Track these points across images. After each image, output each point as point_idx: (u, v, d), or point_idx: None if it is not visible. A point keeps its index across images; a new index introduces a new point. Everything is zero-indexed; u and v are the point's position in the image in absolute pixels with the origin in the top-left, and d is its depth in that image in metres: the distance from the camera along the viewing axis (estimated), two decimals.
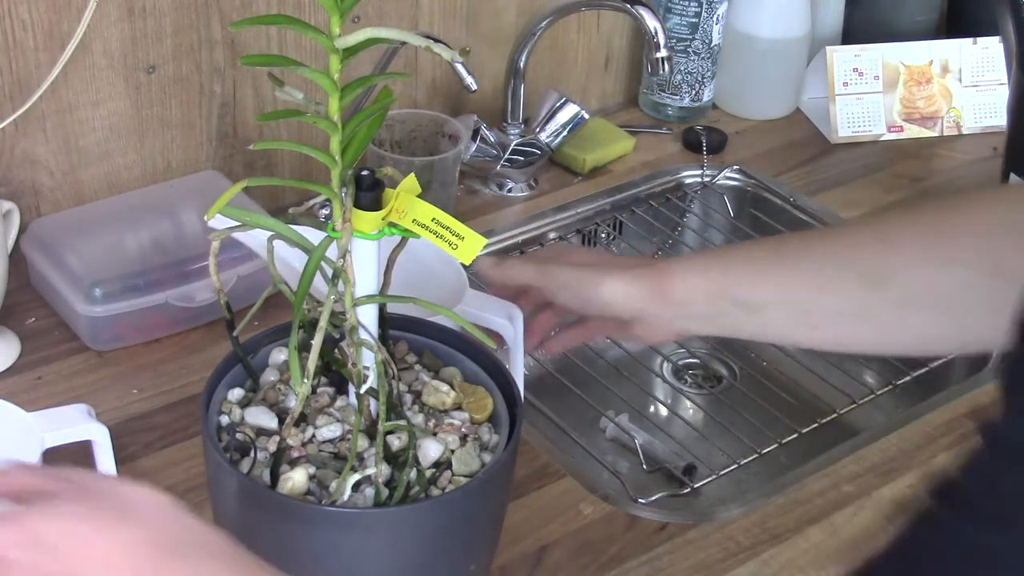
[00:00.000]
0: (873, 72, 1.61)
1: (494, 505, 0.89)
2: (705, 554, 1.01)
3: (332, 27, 0.77)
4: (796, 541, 1.03)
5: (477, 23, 1.46)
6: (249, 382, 0.90)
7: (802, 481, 1.09)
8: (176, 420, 1.09)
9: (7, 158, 1.19)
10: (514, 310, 1.05)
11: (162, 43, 1.24)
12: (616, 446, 1.29)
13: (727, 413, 1.28)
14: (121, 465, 0.96)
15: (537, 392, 1.23)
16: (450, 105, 1.48)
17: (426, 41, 0.79)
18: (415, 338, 0.94)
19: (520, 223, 1.41)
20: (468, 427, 0.88)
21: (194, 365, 1.15)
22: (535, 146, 1.44)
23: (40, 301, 1.20)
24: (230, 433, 0.85)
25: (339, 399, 0.89)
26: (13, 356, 1.14)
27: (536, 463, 1.08)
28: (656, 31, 1.30)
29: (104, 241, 1.19)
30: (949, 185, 1.53)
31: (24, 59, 1.16)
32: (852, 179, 1.54)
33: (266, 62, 0.82)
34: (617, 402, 1.26)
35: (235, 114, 1.31)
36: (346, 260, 0.81)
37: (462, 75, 1.32)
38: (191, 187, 1.27)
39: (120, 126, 1.25)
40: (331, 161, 0.80)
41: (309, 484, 0.83)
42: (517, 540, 1.00)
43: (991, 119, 1.63)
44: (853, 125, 1.61)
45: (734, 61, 1.61)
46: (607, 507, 1.05)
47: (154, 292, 1.15)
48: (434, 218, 0.80)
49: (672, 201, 1.50)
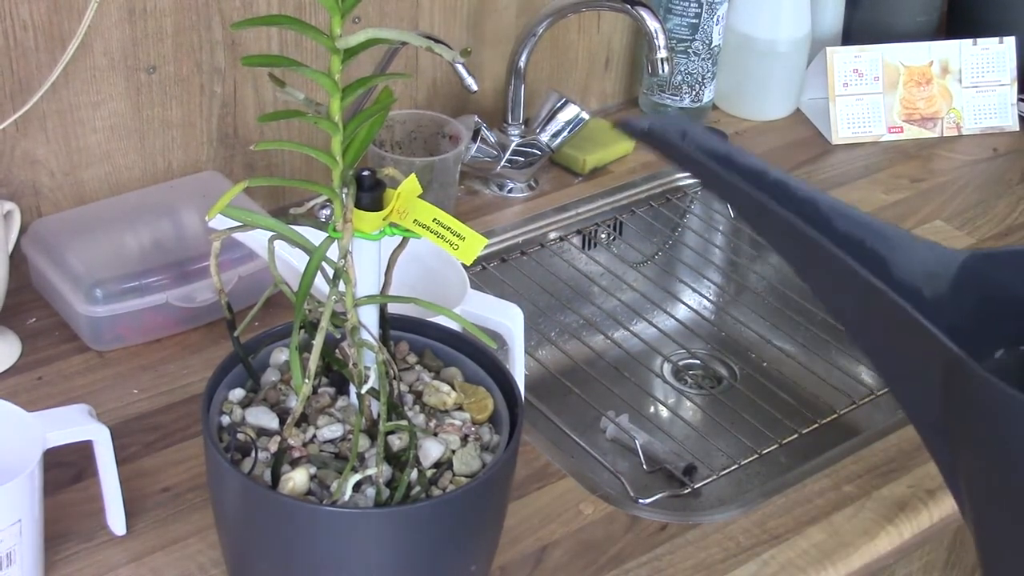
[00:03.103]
0: (873, 73, 1.61)
1: (495, 505, 0.89)
2: (705, 554, 1.01)
3: (333, 28, 0.77)
4: (796, 541, 1.03)
5: (477, 23, 1.46)
6: (250, 382, 0.90)
7: (802, 481, 1.09)
8: (177, 420, 1.09)
9: (8, 158, 1.19)
10: (514, 310, 1.05)
11: (163, 43, 1.24)
12: (616, 446, 1.29)
13: (727, 413, 1.28)
14: (121, 465, 0.96)
15: (537, 392, 1.23)
16: (451, 106, 1.48)
17: (427, 42, 0.79)
18: (416, 338, 0.94)
19: (520, 224, 1.41)
20: (469, 427, 0.88)
21: (195, 365, 1.15)
22: (535, 147, 1.44)
23: (41, 301, 1.20)
24: (231, 433, 0.85)
25: (340, 399, 0.89)
26: (14, 356, 1.14)
27: (536, 463, 1.08)
28: (656, 32, 1.31)
29: (105, 241, 1.19)
30: (949, 186, 1.53)
31: (25, 60, 1.16)
32: (852, 180, 1.54)
33: (267, 63, 0.82)
34: (617, 402, 1.26)
35: (236, 114, 1.31)
36: (347, 260, 0.81)
37: (463, 76, 1.32)
38: (192, 187, 1.27)
39: (121, 126, 1.25)
40: (332, 161, 0.80)
41: (310, 484, 0.83)
42: (517, 540, 1.00)
43: (991, 120, 1.64)
44: (853, 126, 1.61)
45: (734, 62, 1.61)
46: (607, 507, 1.05)
47: (155, 292, 1.15)
48: (435, 218, 0.81)
49: (672, 202, 1.50)
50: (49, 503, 0.94)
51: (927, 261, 0.85)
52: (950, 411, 0.79)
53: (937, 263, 0.84)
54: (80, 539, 0.97)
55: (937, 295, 0.84)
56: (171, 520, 0.99)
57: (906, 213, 1.48)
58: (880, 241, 0.83)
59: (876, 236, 0.83)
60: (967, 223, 1.46)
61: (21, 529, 0.87)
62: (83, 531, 0.98)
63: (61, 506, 0.99)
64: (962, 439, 0.79)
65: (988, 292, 0.85)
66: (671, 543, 1.02)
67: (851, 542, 1.03)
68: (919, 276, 0.84)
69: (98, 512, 0.97)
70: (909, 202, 1.50)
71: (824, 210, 0.82)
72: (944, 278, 0.84)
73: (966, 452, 0.80)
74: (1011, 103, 1.64)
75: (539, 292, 1.37)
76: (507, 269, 1.36)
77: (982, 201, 1.51)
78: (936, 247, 0.85)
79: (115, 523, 0.97)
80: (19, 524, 0.86)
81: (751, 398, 1.26)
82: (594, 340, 1.36)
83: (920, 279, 0.84)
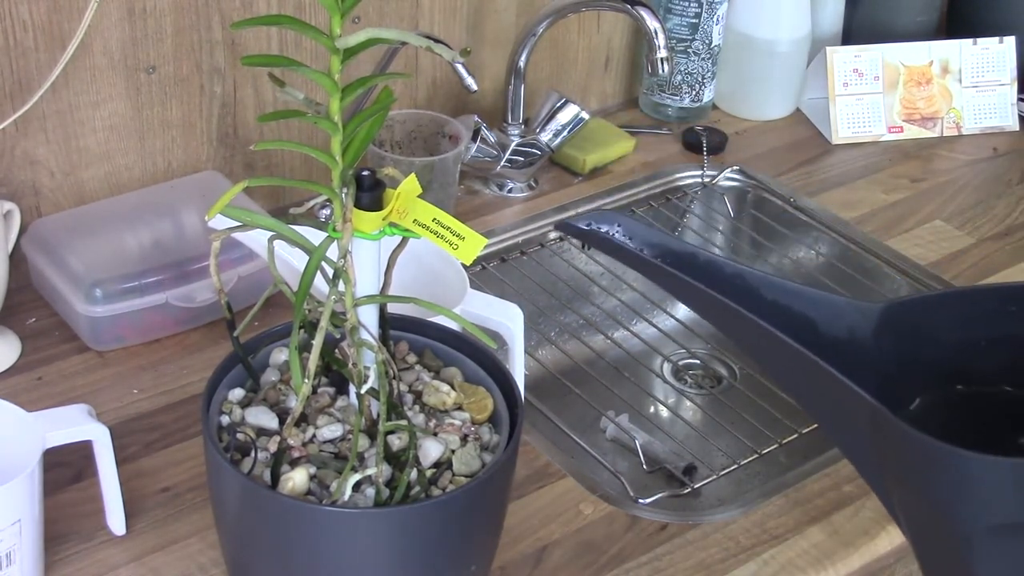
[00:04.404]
0: (873, 73, 1.61)
1: (495, 505, 0.89)
2: (705, 554, 1.01)
3: (333, 27, 0.77)
4: (796, 541, 1.03)
5: (477, 23, 1.46)
6: (250, 382, 0.90)
7: (802, 481, 1.09)
8: (176, 420, 1.09)
9: (8, 158, 1.19)
10: (514, 310, 1.05)
11: (163, 43, 1.24)
12: (616, 446, 1.29)
13: (727, 413, 1.28)
14: (121, 465, 0.96)
15: (537, 392, 1.23)
16: (450, 105, 1.48)
17: (427, 41, 0.79)
18: (416, 338, 0.94)
19: (520, 223, 1.41)
20: (468, 427, 0.88)
21: (194, 365, 1.15)
22: (535, 146, 1.44)
23: (40, 301, 1.20)
24: (231, 433, 0.85)
25: (340, 399, 0.89)
26: (14, 356, 1.14)
27: (536, 463, 1.08)
28: (656, 31, 1.31)
29: (104, 241, 1.19)
30: (949, 186, 1.53)
31: (25, 60, 1.16)
32: (852, 180, 1.54)
33: (267, 62, 0.82)
34: (617, 402, 1.26)
35: (235, 114, 1.31)
36: (347, 260, 0.81)
37: (462, 75, 1.32)
38: (191, 187, 1.27)
39: (120, 126, 1.25)
40: (332, 161, 0.80)
41: (310, 484, 0.83)
42: (517, 540, 1.00)
43: (991, 120, 1.64)
44: (853, 126, 1.61)
45: (734, 62, 1.61)
46: (607, 507, 1.05)
47: (154, 292, 1.15)
48: (435, 218, 0.81)
49: (672, 202, 1.50)
50: (49, 503, 0.94)
51: (849, 316, 0.90)
52: (880, 454, 0.83)
53: (859, 316, 0.90)
54: (80, 539, 0.97)
55: (862, 346, 0.90)
56: (171, 520, 0.99)
57: (906, 213, 1.48)
58: (805, 304, 0.90)
59: (801, 300, 0.89)
60: (967, 223, 1.46)
61: (21, 529, 0.87)
62: (83, 531, 0.98)
63: (61, 506, 0.99)
64: (894, 479, 0.83)
65: (909, 337, 0.90)
66: (671, 543, 1.02)
67: (851, 542, 1.03)
68: (843, 330, 0.90)
69: (98, 512, 0.97)
70: (909, 202, 1.50)
71: (752, 283, 0.89)
72: (866, 329, 0.91)
73: (899, 489, 0.84)
74: (1011, 103, 1.64)
75: (539, 292, 1.37)
76: (507, 269, 1.36)
77: (982, 201, 1.51)
78: (855, 302, 0.91)
79: (115, 523, 0.97)
80: (19, 524, 0.86)
81: (751, 398, 1.26)
82: (594, 340, 1.36)
83: (844, 333, 0.90)
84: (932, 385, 0.91)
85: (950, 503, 0.80)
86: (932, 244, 1.43)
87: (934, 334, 0.91)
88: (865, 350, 0.90)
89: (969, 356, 0.91)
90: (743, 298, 0.87)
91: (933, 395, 0.91)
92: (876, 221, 1.46)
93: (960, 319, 0.92)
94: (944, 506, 0.81)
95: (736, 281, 0.89)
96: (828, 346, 0.87)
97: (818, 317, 0.89)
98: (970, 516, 0.80)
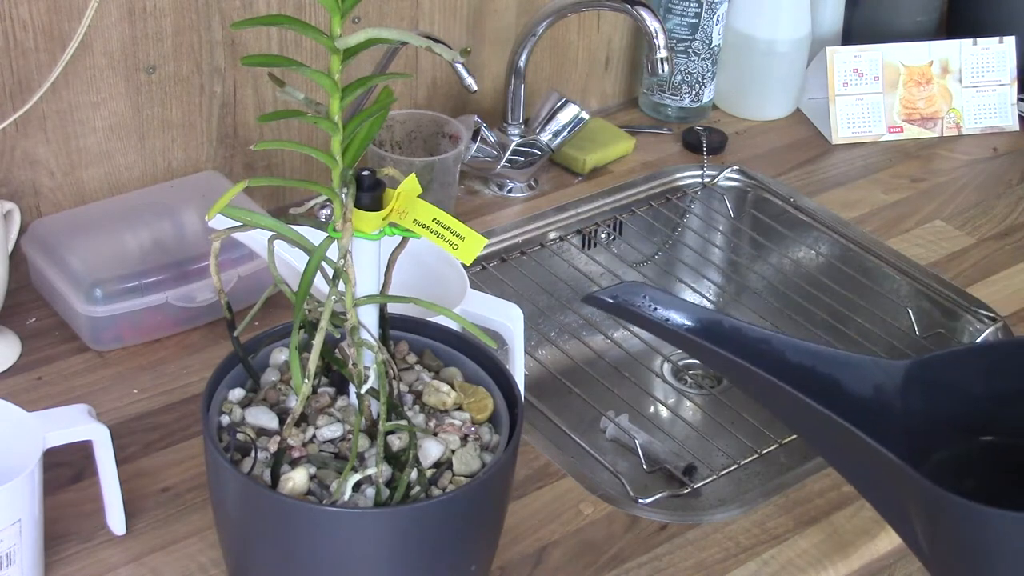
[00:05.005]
0: (873, 73, 1.61)
1: (494, 505, 0.89)
2: (705, 554, 1.01)
3: (333, 27, 0.77)
4: (796, 541, 1.03)
5: (477, 23, 1.46)
6: (250, 382, 0.90)
7: (802, 481, 1.09)
8: (176, 420, 1.09)
9: (8, 158, 1.19)
10: (514, 310, 1.05)
11: (163, 43, 1.24)
12: (616, 446, 1.29)
13: (727, 413, 1.28)
14: (121, 465, 0.96)
15: (537, 392, 1.23)
16: (450, 105, 1.48)
17: (427, 41, 0.79)
18: (416, 338, 0.94)
19: (520, 223, 1.41)
20: (469, 427, 0.88)
21: (194, 365, 1.15)
22: (535, 146, 1.44)
23: (41, 301, 1.20)
24: (231, 433, 0.85)
25: (340, 399, 0.89)
26: (14, 356, 1.14)
27: (536, 463, 1.08)
28: (656, 31, 1.31)
29: (104, 241, 1.19)
30: (949, 186, 1.53)
31: (24, 60, 1.16)
32: (852, 180, 1.54)
33: (267, 62, 0.82)
34: (617, 402, 1.26)
35: (235, 114, 1.31)
36: (347, 260, 0.81)
37: (462, 75, 1.32)
38: (191, 187, 1.27)
39: (120, 126, 1.25)
40: (332, 161, 0.80)
41: (310, 484, 0.83)
42: (517, 540, 1.00)
43: (991, 120, 1.64)
44: (853, 126, 1.61)
45: (734, 62, 1.61)
46: (607, 507, 1.05)
47: (154, 292, 1.15)
48: (435, 218, 0.81)
49: (672, 202, 1.50)
50: (49, 503, 0.94)
51: (874, 375, 0.92)
52: (911, 512, 0.85)
53: (883, 375, 0.91)
54: (80, 539, 0.97)
55: (888, 403, 0.92)
56: (171, 520, 0.99)
57: (906, 213, 1.48)
58: (830, 365, 0.92)
59: (825, 361, 0.91)
60: (967, 223, 1.46)
61: (21, 529, 0.87)
62: (83, 531, 0.98)
63: (61, 506, 0.99)
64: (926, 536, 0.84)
65: (934, 391, 0.91)
66: (671, 543, 1.02)
67: (851, 542, 1.03)
68: (869, 389, 0.91)
69: (98, 512, 0.97)
70: (909, 202, 1.50)
71: (777, 347, 0.91)
72: (891, 387, 0.92)
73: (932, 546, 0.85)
74: (1011, 103, 1.64)
75: (539, 292, 1.37)
76: (507, 269, 1.36)
77: (982, 201, 1.51)
78: (880, 361, 0.93)
79: (115, 523, 0.97)
80: (19, 524, 0.86)
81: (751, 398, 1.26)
82: (594, 340, 1.36)
83: (870, 391, 0.91)
84: (959, 437, 0.92)
85: (985, 556, 0.81)
86: (932, 244, 1.43)
87: (959, 387, 0.92)
88: (891, 407, 0.91)
89: (995, 407, 0.92)
90: (769, 362, 0.88)
91: (960, 447, 0.92)
92: (876, 221, 1.46)
93: (984, 372, 0.93)
94: (979, 561, 0.81)
95: (761, 346, 0.90)
96: (855, 405, 0.89)
97: (843, 377, 0.91)
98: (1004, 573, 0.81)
